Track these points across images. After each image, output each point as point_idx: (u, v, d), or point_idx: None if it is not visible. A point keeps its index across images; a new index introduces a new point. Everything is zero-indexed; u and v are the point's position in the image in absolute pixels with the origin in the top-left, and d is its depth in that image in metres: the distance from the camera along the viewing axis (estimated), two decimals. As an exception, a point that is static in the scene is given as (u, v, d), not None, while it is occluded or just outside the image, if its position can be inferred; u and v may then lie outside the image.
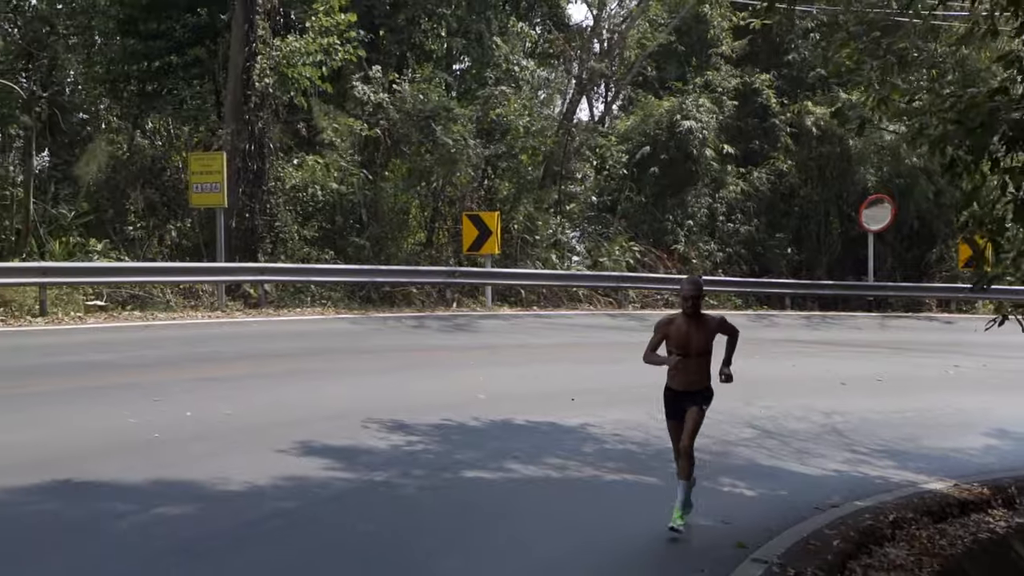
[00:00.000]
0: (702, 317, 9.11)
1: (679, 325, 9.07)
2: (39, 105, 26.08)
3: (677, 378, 9.13)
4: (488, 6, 33.00)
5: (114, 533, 7.57)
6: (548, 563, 7.79)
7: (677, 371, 9.11)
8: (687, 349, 8.97)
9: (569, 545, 8.18)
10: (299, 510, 8.49)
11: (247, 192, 24.61)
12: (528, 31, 34.14)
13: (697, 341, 8.97)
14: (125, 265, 22.50)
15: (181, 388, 13.01)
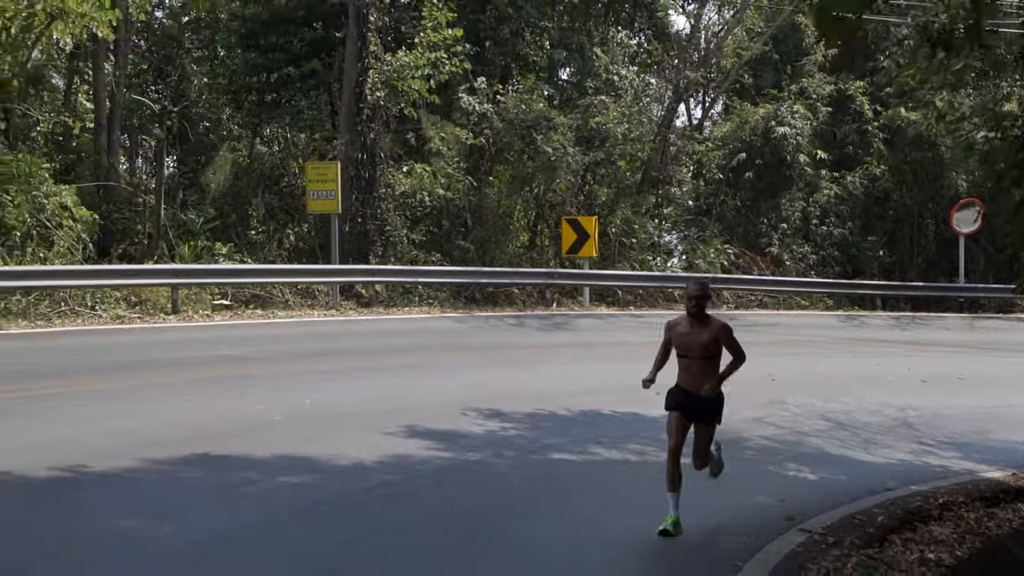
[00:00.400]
0: (706, 319, 9.12)
1: (683, 327, 9.19)
2: (170, 118, 27.91)
3: (683, 377, 9.20)
4: (589, 18, 34.05)
5: (245, 496, 8.84)
6: (617, 534, 8.81)
7: (682, 370, 9.18)
8: (688, 349, 9.06)
9: (636, 519, 9.17)
10: (402, 482, 9.68)
11: (359, 199, 26.05)
12: (628, 42, 35.12)
13: (699, 342, 9.02)
14: (248, 267, 24.12)
15: (300, 379, 14.33)
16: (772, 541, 8.65)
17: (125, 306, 21.19)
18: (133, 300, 21.50)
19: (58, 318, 19.73)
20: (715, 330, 9.08)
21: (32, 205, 22.32)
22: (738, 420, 13.39)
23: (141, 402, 12.31)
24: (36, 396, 12.30)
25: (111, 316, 20.34)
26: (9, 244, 21.54)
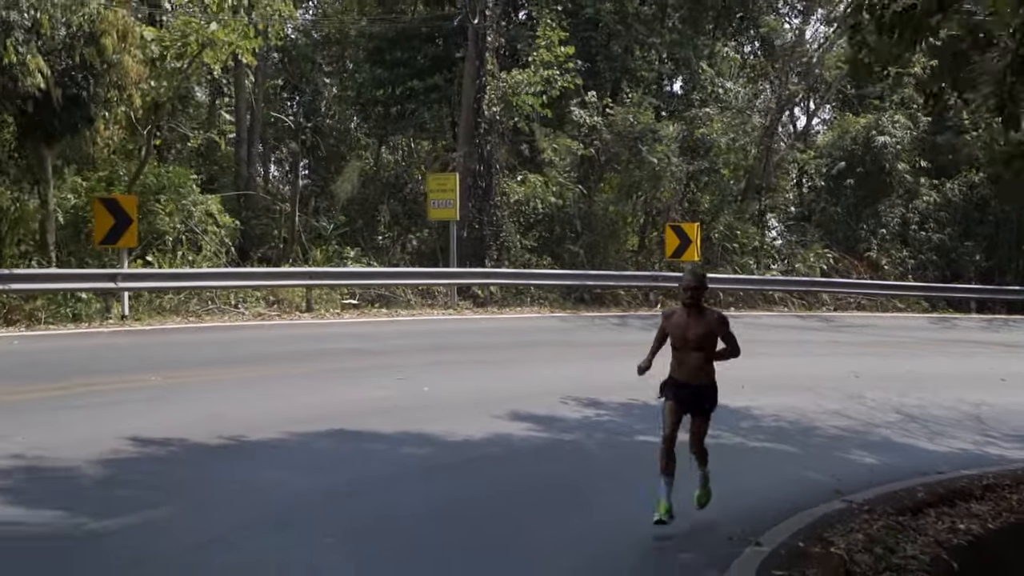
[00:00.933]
0: (702, 310, 9.02)
1: (678, 317, 9.07)
2: (303, 133, 30.07)
3: (678, 369, 9.09)
4: (697, 33, 35.28)
5: (372, 459, 10.52)
6: (682, 507, 10.08)
7: (676, 361, 9.08)
8: (684, 341, 8.93)
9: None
10: (503, 454, 11.25)
11: (476, 206, 27.80)
12: (733, 55, 36.25)
13: (694, 333, 8.90)
14: (374, 270, 26.05)
15: (420, 369, 16.00)
16: (813, 507, 9.91)
17: (264, 305, 23.25)
18: (271, 299, 23.55)
19: (207, 315, 21.85)
20: (711, 321, 9.03)
21: (182, 213, 24.52)
22: (815, 412, 14.68)
23: (284, 387, 14.13)
24: (198, 381, 14.23)
25: (252, 313, 22.42)
26: (162, 248, 23.75)
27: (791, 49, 34.86)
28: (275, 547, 7.68)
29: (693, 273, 9.16)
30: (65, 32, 17.64)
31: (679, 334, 8.93)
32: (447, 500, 9.32)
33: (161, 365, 15.13)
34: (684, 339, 8.90)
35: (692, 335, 8.86)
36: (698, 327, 8.88)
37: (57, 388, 13.05)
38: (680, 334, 8.92)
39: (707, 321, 8.95)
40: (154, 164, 25.44)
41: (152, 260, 22.89)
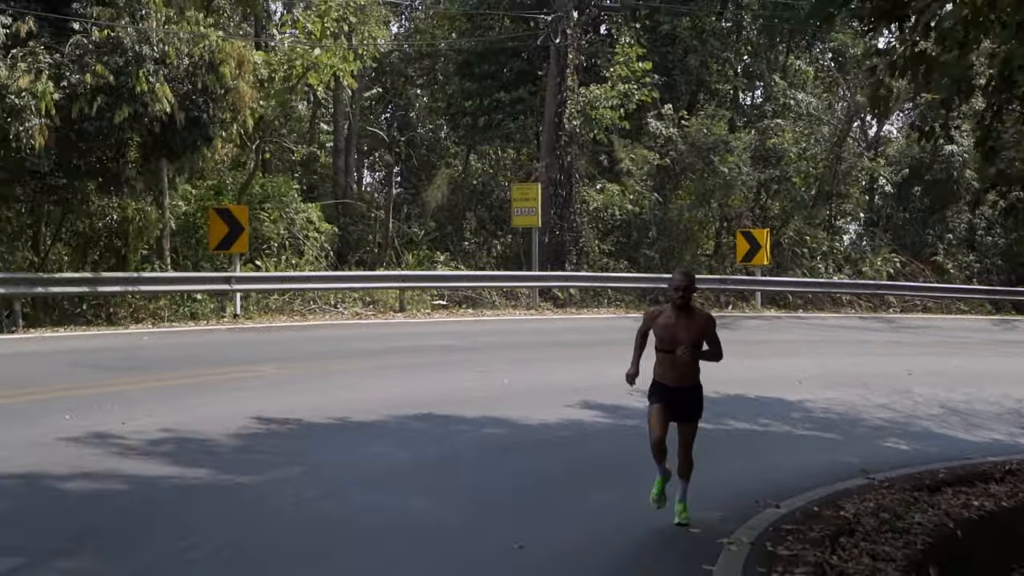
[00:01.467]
0: (692, 311, 8.82)
1: (667, 318, 8.84)
2: (398, 146, 31.99)
3: (666, 374, 8.90)
4: (771, 47, 36.49)
5: (458, 438, 12.14)
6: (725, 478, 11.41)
7: (663, 365, 8.87)
8: (673, 343, 8.69)
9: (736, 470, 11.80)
10: (572, 437, 12.78)
11: (557, 213, 29.42)
12: (806, 69, 37.37)
13: (685, 336, 8.70)
14: (462, 273, 27.81)
15: (501, 364, 17.59)
16: (836, 483, 11.24)
17: (361, 305, 25.12)
18: (367, 300, 25.41)
19: (309, 314, 23.78)
20: (701, 322, 8.83)
21: (285, 220, 26.51)
22: (863, 405, 15.90)
23: (381, 378, 15.83)
24: (306, 372, 16.07)
25: (351, 313, 24.31)
26: (267, 253, 25.74)
27: (861, 61, 35.80)
28: (376, 500, 9.36)
29: (684, 273, 8.94)
30: (188, 62, 19.64)
31: (669, 335, 8.72)
32: (520, 471, 10.88)
33: (273, 358, 16.97)
34: (675, 340, 8.67)
35: (684, 338, 8.64)
36: (690, 328, 8.69)
37: (186, 377, 14.96)
38: (670, 335, 8.71)
39: (698, 322, 8.79)
40: (259, 175, 27.47)
41: (260, 264, 24.87)
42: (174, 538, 7.92)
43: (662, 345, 8.73)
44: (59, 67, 18.48)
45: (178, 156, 20.62)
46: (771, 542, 8.57)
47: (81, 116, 18.38)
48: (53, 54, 18.63)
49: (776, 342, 22.82)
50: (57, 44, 18.89)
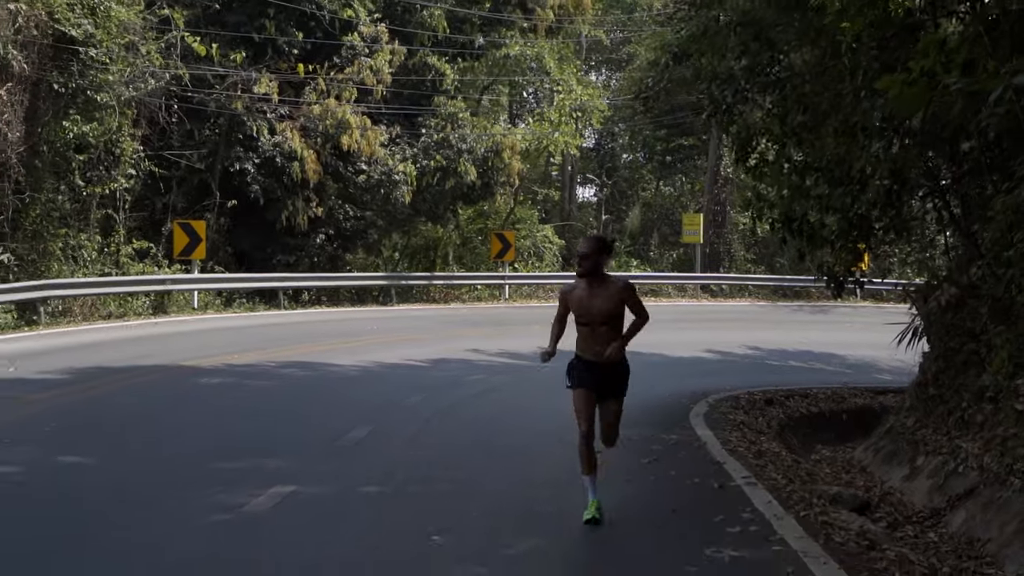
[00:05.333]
0: (604, 279, 8.01)
1: (580, 291, 8.04)
2: (606, 185, 44.89)
3: (586, 347, 8.11)
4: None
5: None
6: (664, 391, 22.81)
7: (584, 339, 8.09)
8: (589, 316, 7.97)
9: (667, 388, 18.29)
10: (696, 363, 25.14)
11: (714, 233, 41.71)
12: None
13: (599, 306, 7.94)
14: (648, 273, 40.49)
15: (668, 328, 29.96)
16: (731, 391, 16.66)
17: (582, 294, 38.02)
18: (586, 291, 38.30)
19: (547, 298, 36.89)
20: (617, 291, 8.06)
21: (531, 237, 39.67)
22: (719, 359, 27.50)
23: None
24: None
25: (575, 299, 37.25)
26: (521, 259, 38.92)
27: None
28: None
29: (588, 239, 8.32)
30: (483, 150, 32.98)
31: (585, 308, 8.01)
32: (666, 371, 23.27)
33: (534, 321, 29.85)
34: (589, 313, 8.00)
35: (599, 308, 7.97)
36: (604, 298, 7.98)
37: (493, 329, 27.82)
38: (584, 308, 8.01)
39: (613, 290, 8.05)
40: (516, 208, 40.82)
41: (517, 266, 38.10)
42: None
43: (580, 319, 8.07)
44: (415, 157, 32.11)
45: (474, 203, 34.05)
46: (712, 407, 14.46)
47: (427, 185, 31.97)
48: (412, 148, 32.29)
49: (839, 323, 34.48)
50: (413, 142, 32.55)
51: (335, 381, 16.38)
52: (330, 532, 7.55)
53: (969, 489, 9.69)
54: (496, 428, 12.48)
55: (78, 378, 15.13)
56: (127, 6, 23.39)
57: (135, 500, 8.47)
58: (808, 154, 14.14)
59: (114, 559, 6.89)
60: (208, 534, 7.40)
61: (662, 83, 21.34)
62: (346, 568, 6.79)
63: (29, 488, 8.82)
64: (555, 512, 8.37)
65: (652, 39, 38.43)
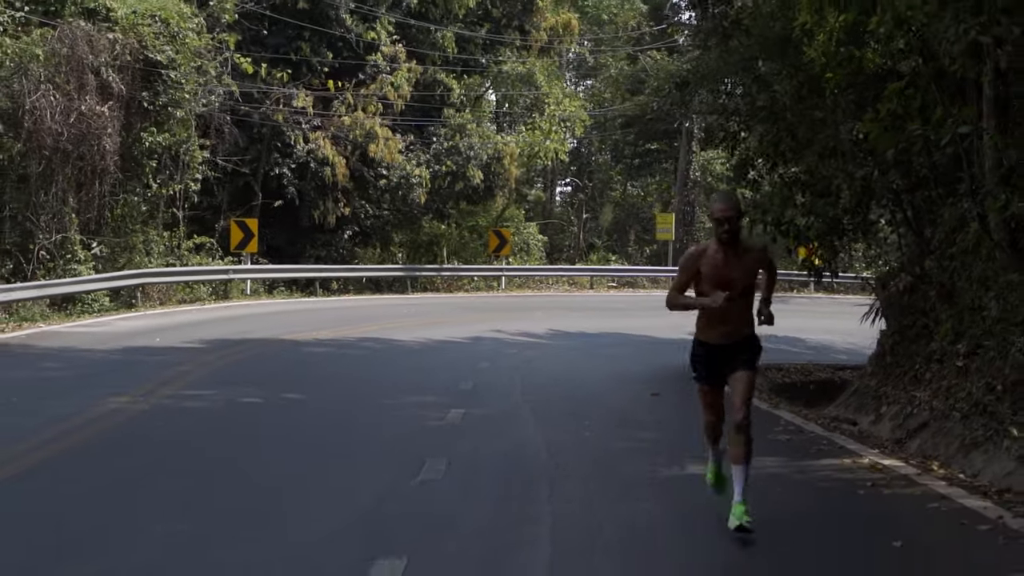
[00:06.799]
0: (740, 245, 6.84)
1: (712, 257, 6.82)
2: (583, 191, 48.80)
3: (713, 328, 6.98)
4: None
5: (605, 338, 28.59)
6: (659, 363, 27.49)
7: (712, 319, 6.92)
8: (727, 287, 6.70)
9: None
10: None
11: (684, 231, 45.71)
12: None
13: (739, 276, 6.76)
14: (625, 267, 44.42)
15: (645, 315, 33.91)
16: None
17: (567, 285, 41.90)
18: (571, 282, 42.19)
19: (537, 287, 40.68)
20: (757, 256, 6.97)
21: (520, 234, 43.41)
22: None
23: (585, 319, 32.18)
24: (550, 315, 32.63)
25: (561, 289, 41.10)
26: (510, 255, 42.67)
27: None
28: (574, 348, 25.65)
29: (726, 198, 7.04)
30: (486, 156, 36.67)
31: (721, 278, 6.74)
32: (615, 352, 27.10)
33: (535, 307, 33.60)
34: (728, 284, 6.70)
35: (738, 279, 6.74)
36: (742, 267, 6.78)
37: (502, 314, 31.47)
38: (723, 278, 6.73)
39: (752, 258, 6.89)
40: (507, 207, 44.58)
41: (510, 260, 41.84)
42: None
43: (712, 291, 6.74)
44: (428, 162, 35.74)
45: (478, 203, 37.80)
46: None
47: (439, 187, 35.61)
48: (425, 155, 35.93)
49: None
50: (425, 149, 36.18)
51: (408, 352, 19.92)
52: (510, 431, 11.26)
53: (922, 424, 12.97)
54: (563, 380, 15.92)
55: (215, 347, 18.61)
56: (198, 33, 26.78)
57: (364, 415, 12.13)
58: (795, 172, 17.93)
59: (375, 448, 10.52)
60: (434, 433, 11.05)
61: (667, 106, 25.03)
62: (534, 447, 10.42)
63: (258, 415, 12.25)
64: (641, 414, 12.50)
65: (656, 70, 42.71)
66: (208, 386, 13.97)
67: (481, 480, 8.73)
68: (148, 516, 7.36)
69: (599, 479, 8.92)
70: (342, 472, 9.15)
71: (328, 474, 9.03)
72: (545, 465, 9.34)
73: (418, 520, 7.28)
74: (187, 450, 9.94)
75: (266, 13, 31.77)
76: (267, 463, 9.35)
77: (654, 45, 47.86)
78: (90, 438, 10.35)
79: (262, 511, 7.67)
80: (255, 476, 8.79)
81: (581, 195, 49.05)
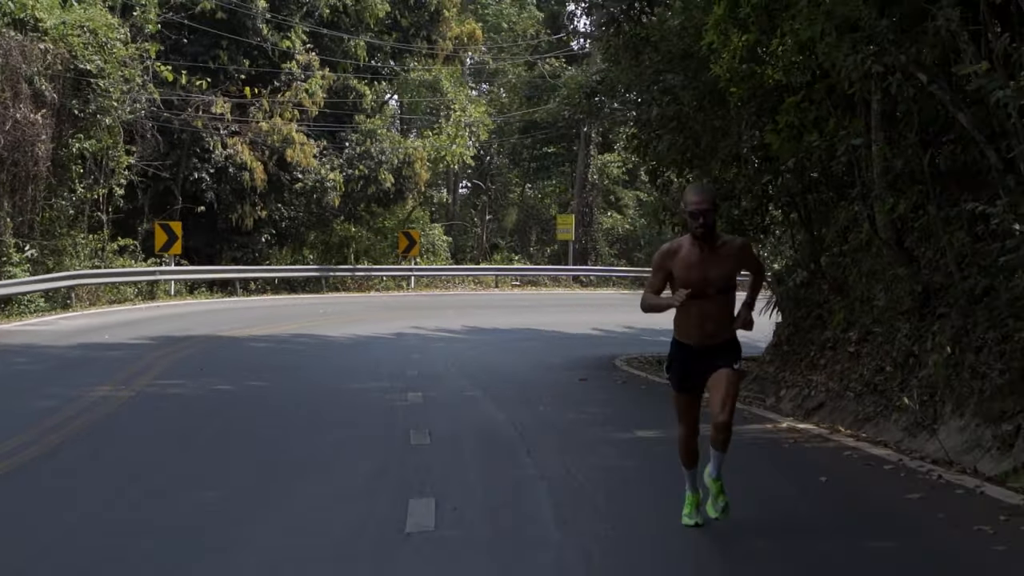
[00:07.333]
0: (718, 239, 6.32)
1: (687, 254, 6.28)
2: (487, 194, 50.25)
3: (691, 329, 6.40)
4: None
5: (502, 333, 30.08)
6: (579, 355, 29.29)
7: (689, 319, 6.34)
8: (703, 286, 6.17)
9: (579, 353, 29.71)
10: (557, 338, 30.65)
11: (583, 231, 47.49)
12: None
13: (717, 274, 6.24)
14: (527, 266, 45.98)
15: (548, 311, 35.42)
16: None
17: (473, 283, 43.22)
18: (476, 281, 43.53)
19: (442, 287, 41.87)
20: (735, 251, 6.43)
21: (425, 235, 44.62)
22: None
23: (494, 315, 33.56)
24: (462, 312, 33.99)
25: (469, 288, 42.43)
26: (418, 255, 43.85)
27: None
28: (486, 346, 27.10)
29: (701, 190, 6.58)
30: (398, 161, 37.86)
31: (696, 276, 6.22)
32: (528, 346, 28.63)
33: (440, 307, 34.82)
34: (704, 282, 6.21)
35: (715, 277, 6.25)
36: (720, 264, 6.29)
37: (416, 312, 32.70)
38: (698, 276, 6.22)
39: (729, 254, 6.36)
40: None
41: (418, 260, 43.07)
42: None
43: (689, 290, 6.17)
44: (341, 166, 36.78)
45: (387, 206, 38.99)
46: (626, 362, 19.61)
47: (352, 191, 36.68)
48: (338, 159, 36.95)
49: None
50: (338, 154, 37.22)
51: (342, 346, 21.05)
52: (473, 409, 12.62)
53: (820, 404, 14.26)
54: (495, 369, 17.22)
55: (163, 343, 19.57)
56: (124, 43, 27.50)
57: (335, 397, 13.37)
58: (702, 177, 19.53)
59: (364, 422, 11.77)
60: (406, 411, 12.34)
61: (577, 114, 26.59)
62: (499, 421, 11.76)
63: (237, 401, 13.38)
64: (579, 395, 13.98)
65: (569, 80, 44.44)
66: (178, 376, 15.04)
67: (465, 446, 10.10)
68: (192, 478, 8.59)
69: (565, 443, 10.35)
70: (347, 439, 10.45)
71: (335, 440, 10.33)
72: (515, 435, 10.72)
73: (427, 474, 8.62)
74: (202, 427, 11.15)
75: (185, 23, 32.50)
76: (277, 437, 10.57)
77: (553, 53, 49.56)
78: (99, 420, 11.42)
79: (304, 465, 9.11)
80: (274, 447, 10.01)
81: (484, 197, 50.47)
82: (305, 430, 10.97)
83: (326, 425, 11.31)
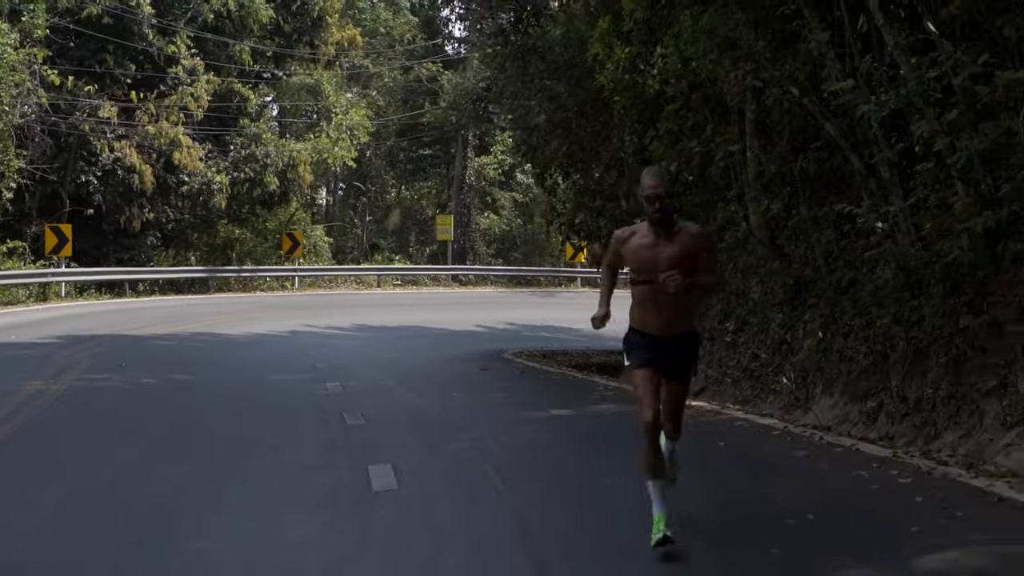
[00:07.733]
0: (674, 226, 6.06)
1: (640, 240, 6.11)
2: (367, 195, 50.88)
3: (648, 319, 6.15)
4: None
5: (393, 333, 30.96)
6: (478, 348, 30.49)
7: (645, 308, 6.14)
8: (654, 272, 5.96)
9: (478, 347, 30.93)
10: (447, 336, 31.69)
11: (462, 231, 48.52)
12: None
13: (669, 260, 5.96)
14: (409, 266, 46.83)
15: (428, 310, 36.33)
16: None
17: (355, 283, 43.84)
18: (358, 281, 44.14)
19: (328, 286, 42.40)
20: (691, 238, 6.12)
21: (306, 236, 45.05)
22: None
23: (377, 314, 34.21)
24: (345, 312, 34.66)
25: (351, 287, 43.02)
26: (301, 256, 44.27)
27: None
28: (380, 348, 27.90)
29: (654, 174, 6.19)
30: (283, 164, 38.30)
31: (647, 262, 6.05)
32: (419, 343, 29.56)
33: (326, 307, 35.44)
34: (655, 268, 5.98)
35: (666, 263, 5.95)
36: (674, 250, 6.01)
37: (303, 311, 33.28)
38: (648, 262, 6.05)
39: (685, 241, 6.07)
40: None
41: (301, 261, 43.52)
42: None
43: (640, 276, 6.10)
44: (227, 169, 37.07)
45: (275, 208, 39.39)
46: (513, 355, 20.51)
47: (239, 193, 37.02)
48: (224, 162, 37.22)
49: (564, 304, 42.07)
50: (225, 156, 37.48)
51: (243, 343, 21.64)
52: (392, 397, 13.54)
53: (701, 389, 15.43)
54: (395, 362, 18.04)
55: (72, 341, 19.91)
56: (15, 48, 27.49)
57: (260, 388, 14.13)
58: (587, 179, 20.70)
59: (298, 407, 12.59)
60: (330, 399, 13.19)
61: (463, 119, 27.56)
62: (423, 406, 12.72)
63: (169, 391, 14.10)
64: (485, 383, 14.91)
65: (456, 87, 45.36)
66: (101, 371, 15.58)
67: (399, 426, 11.05)
68: (157, 456, 9.32)
69: (490, 421, 11.40)
70: (288, 421, 11.28)
71: (278, 423, 11.14)
72: (442, 416, 11.72)
73: (374, 447, 9.58)
74: (148, 414, 11.82)
75: (72, 27, 32.45)
76: (223, 421, 11.37)
77: (430, 58, 50.47)
78: (41, 412, 11.96)
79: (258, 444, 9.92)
80: (225, 429, 10.78)
81: (364, 199, 51.10)
82: (245, 415, 11.75)
83: (262, 411, 12.09)
